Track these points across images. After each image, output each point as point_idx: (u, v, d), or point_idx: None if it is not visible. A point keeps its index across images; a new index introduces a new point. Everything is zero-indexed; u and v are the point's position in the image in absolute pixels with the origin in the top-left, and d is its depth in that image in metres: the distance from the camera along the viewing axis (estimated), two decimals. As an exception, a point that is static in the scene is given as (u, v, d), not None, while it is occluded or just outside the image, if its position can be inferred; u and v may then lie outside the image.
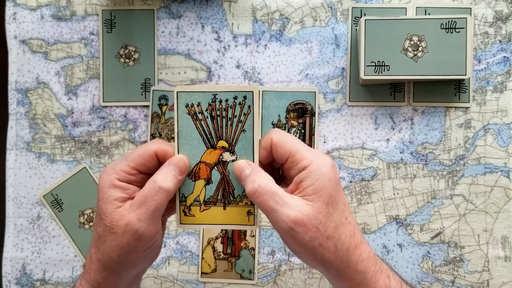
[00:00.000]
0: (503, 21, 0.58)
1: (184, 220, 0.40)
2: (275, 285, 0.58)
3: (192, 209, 0.40)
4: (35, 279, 0.59)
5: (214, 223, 0.40)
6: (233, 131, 0.39)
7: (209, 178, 0.40)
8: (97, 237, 0.38)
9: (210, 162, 0.39)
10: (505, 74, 0.57)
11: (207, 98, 0.38)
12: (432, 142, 0.58)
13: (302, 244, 0.35)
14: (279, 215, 0.35)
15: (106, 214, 0.37)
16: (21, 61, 0.60)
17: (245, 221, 0.40)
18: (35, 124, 0.60)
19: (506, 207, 0.57)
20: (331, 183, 0.35)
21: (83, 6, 0.60)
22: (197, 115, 0.39)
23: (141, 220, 0.36)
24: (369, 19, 0.54)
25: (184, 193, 0.40)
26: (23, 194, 0.60)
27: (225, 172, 0.39)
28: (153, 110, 0.59)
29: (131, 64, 0.60)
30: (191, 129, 0.39)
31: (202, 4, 0.60)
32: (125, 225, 0.36)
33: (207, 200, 0.40)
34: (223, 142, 0.39)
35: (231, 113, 0.38)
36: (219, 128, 0.39)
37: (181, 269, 0.59)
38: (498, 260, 0.57)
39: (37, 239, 0.59)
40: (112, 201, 0.37)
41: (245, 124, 0.38)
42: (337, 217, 0.36)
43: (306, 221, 0.34)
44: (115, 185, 0.37)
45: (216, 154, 0.39)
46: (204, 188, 0.40)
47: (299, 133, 0.59)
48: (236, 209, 0.40)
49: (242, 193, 0.39)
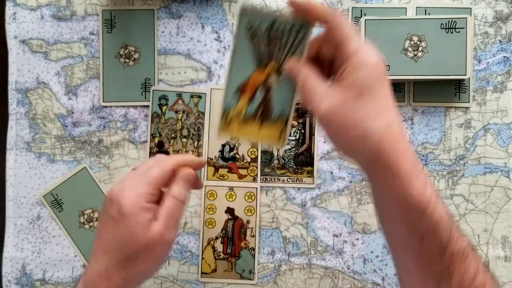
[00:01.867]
0: (503, 21, 0.58)
1: (223, 131, 0.44)
2: (275, 285, 0.58)
3: (232, 122, 0.44)
4: (35, 279, 0.59)
5: (248, 137, 0.44)
6: (284, 55, 0.41)
7: (253, 96, 0.43)
8: (124, 259, 0.40)
9: (258, 81, 0.42)
10: (505, 74, 0.57)
11: (267, 21, 0.41)
12: (432, 142, 0.58)
13: (332, 131, 0.37)
14: (314, 107, 0.37)
15: (139, 235, 0.39)
16: (21, 61, 0.60)
17: (275, 140, 0.43)
18: (35, 124, 0.60)
19: (506, 207, 0.57)
20: (373, 74, 0.35)
21: (83, 6, 0.60)
22: (255, 35, 0.41)
23: (169, 230, 0.40)
24: (369, 19, 0.54)
25: (227, 107, 0.43)
26: (23, 194, 0.60)
27: (268, 94, 0.43)
28: (153, 110, 0.59)
29: (131, 64, 0.60)
30: (246, 48, 0.41)
31: (202, 4, 0.60)
32: (160, 239, 0.39)
33: (247, 116, 0.43)
34: (273, 64, 0.42)
35: (285, 39, 0.41)
36: (273, 51, 0.41)
37: (181, 269, 0.59)
38: (498, 260, 0.57)
39: (37, 239, 0.59)
40: (145, 222, 0.39)
41: (296, 51, 0.41)
42: (371, 107, 0.35)
43: (334, 109, 0.36)
44: (146, 208, 0.40)
45: (264, 74, 0.42)
46: (246, 104, 0.43)
47: (299, 133, 0.59)
48: (270, 128, 0.43)
49: (278, 115, 0.42)
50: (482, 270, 0.35)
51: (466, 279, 0.34)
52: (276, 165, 0.59)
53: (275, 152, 0.59)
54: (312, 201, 0.58)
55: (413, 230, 0.35)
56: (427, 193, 0.34)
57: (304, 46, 0.40)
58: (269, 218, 0.59)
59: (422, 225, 0.34)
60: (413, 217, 0.34)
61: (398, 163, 0.34)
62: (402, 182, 0.34)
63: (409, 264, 0.36)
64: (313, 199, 0.58)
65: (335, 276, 0.58)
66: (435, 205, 0.34)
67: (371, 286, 0.57)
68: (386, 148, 0.35)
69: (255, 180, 0.59)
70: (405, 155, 0.35)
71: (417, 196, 0.34)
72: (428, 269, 0.35)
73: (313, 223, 0.58)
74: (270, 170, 0.59)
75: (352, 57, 0.36)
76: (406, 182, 0.34)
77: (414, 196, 0.34)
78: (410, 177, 0.34)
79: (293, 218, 0.58)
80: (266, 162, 0.59)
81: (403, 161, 0.34)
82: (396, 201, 0.35)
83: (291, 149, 0.59)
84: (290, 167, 0.59)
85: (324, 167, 0.59)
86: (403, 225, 0.35)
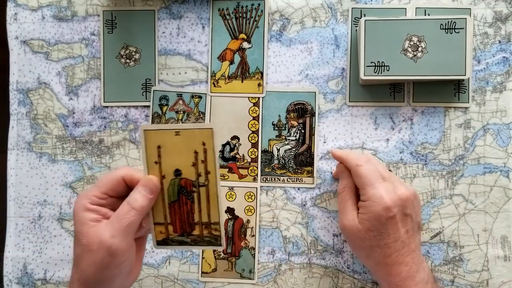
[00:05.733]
0: (503, 22, 0.58)
1: (213, 90, 0.58)
2: (275, 284, 0.58)
3: (219, 82, 0.58)
4: (36, 279, 0.59)
5: (234, 92, 0.58)
6: (250, 27, 0.57)
7: (232, 59, 0.58)
8: (75, 258, 0.42)
9: (233, 49, 0.58)
10: (505, 74, 0.58)
11: (233, 4, 0.58)
12: (431, 142, 0.58)
13: (347, 240, 0.52)
14: (340, 217, 0.51)
15: (83, 234, 0.41)
16: (22, 62, 0.61)
17: (256, 91, 0.58)
18: (36, 124, 0.60)
19: (505, 207, 0.57)
20: (378, 220, 0.46)
21: (84, 6, 0.60)
22: (226, 16, 0.58)
23: (114, 236, 0.40)
24: (369, 20, 0.54)
25: (213, 70, 0.58)
26: (24, 194, 0.60)
27: (244, 56, 0.57)
28: (154, 110, 0.59)
29: (132, 64, 0.60)
30: (221, 26, 0.58)
31: (202, 5, 0.60)
32: (99, 241, 0.40)
33: (230, 75, 0.58)
34: (243, 35, 0.58)
35: (249, 15, 0.57)
36: (240, 25, 0.58)
37: (182, 268, 0.59)
38: (497, 260, 0.57)
39: (38, 238, 0.60)
40: (86, 222, 0.41)
41: (258, 22, 0.58)
42: (375, 240, 0.47)
43: (350, 231, 0.49)
44: (88, 208, 0.42)
45: (238, 43, 0.58)
46: (228, 67, 0.58)
47: (299, 133, 0.59)
48: (250, 82, 0.58)
49: (255, 70, 0.57)
50: None
51: None
52: (276, 165, 0.59)
53: (275, 152, 0.59)
54: (312, 201, 0.59)
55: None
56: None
57: (264, 20, 0.57)
58: (269, 217, 0.59)
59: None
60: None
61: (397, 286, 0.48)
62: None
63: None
64: (313, 199, 0.59)
65: (335, 275, 0.58)
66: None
67: (371, 285, 0.58)
68: (382, 269, 0.48)
69: (255, 180, 0.59)
70: (404, 278, 0.47)
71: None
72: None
73: (313, 223, 0.58)
74: (270, 170, 0.59)
75: (369, 199, 0.47)
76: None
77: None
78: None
79: (293, 218, 0.59)
80: (266, 162, 0.59)
81: (400, 283, 0.47)
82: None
83: (291, 149, 0.59)
84: (290, 167, 0.59)
85: (324, 167, 0.59)
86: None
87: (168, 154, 0.42)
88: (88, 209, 0.42)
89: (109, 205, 0.43)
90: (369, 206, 0.47)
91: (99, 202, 0.43)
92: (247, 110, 0.59)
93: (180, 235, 0.44)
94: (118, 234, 0.40)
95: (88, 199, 0.42)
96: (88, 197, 0.42)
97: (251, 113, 0.59)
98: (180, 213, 0.43)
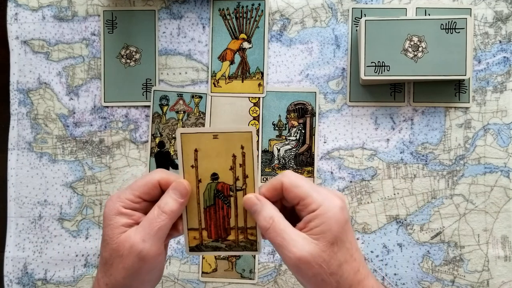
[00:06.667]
0: (503, 22, 0.58)
1: (214, 90, 0.58)
2: (275, 284, 0.58)
3: (220, 82, 0.58)
4: (37, 279, 0.59)
5: (234, 92, 0.58)
6: (251, 27, 0.58)
7: (233, 59, 0.58)
8: (104, 262, 0.40)
9: (234, 49, 0.58)
10: (505, 74, 0.58)
11: (234, 4, 0.58)
12: (432, 142, 0.58)
13: (306, 279, 0.38)
14: (286, 252, 0.37)
15: (113, 239, 0.39)
16: (23, 62, 0.61)
17: (256, 91, 0.58)
18: (36, 124, 0.60)
19: (506, 207, 0.57)
20: (338, 224, 0.38)
21: (85, 6, 0.60)
22: (226, 16, 0.58)
23: (145, 241, 0.38)
24: (369, 20, 0.54)
25: (214, 70, 0.58)
26: (25, 194, 0.60)
27: (244, 56, 0.58)
28: (154, 110, 0.60)
29: (132, 64, 0.60)
30: (222, 26, 0.58)
31: (203, 5, 0.60)
32: (130, 246, 0.38)
33: (230, 75, 0.58)
34: (243, 35, 0.58)
35: (249, 15, 0.58)
36: (241, 25, 0.58)
37: (182, 268, 0.59)
38: (498, 260, 0.57)
39: (39, 238, 0.60)
40: (118, 226, 0.39)
41: (259, 23, 0.58)
42: (341, 255, 0.38)
43: (309, 258, 0.37)
44: (121, 212, 0.40)
45: (238, 43, 0.58)
46: (228, 67, 0.58)
47: (299, 133, 0.59)
48: (250, 82, 0.58)
49: (255, 70, 0.58)
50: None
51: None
52: (276, 165, 0.59)
53: (276, 152, 0.59)
54: (313, 201, 0.59)
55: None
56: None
57: (264, 19, 0.57)
58: (270, 218, 0.59)
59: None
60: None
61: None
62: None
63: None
64: (313, 199, 0.59)
65: (335, 275, 0.58)
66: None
67: (371, 285, 0.58)
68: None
69: (256, 180, 0.59)
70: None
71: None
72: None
73: (314, 223, 0.58)
74: (270, 170, 0.59)
75: (316, 210, 0.38)
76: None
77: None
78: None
79: (293, 218, 0.59)
80: (267, 162, 0.59)
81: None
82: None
83: (291, 149, 0.59)
84: (290, 167, 0.59)
85: (324, 167, 0.59)
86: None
87: (205, 157, 0.40)
88: (121, 213, 0.40)
89: (142, 209, 0.41)
90: (324, 212, 0.38)
91: (133, 206, 0.40)
92: (247, 110, 0.59)
93: (215, 241, 0.42)
94: (149, 238, 0.38)
95: (122, 203, 0.40)
96: (122, 200, 0.40)
97: (251, 113, 0.59)
98: (215, 218, 0.41)
